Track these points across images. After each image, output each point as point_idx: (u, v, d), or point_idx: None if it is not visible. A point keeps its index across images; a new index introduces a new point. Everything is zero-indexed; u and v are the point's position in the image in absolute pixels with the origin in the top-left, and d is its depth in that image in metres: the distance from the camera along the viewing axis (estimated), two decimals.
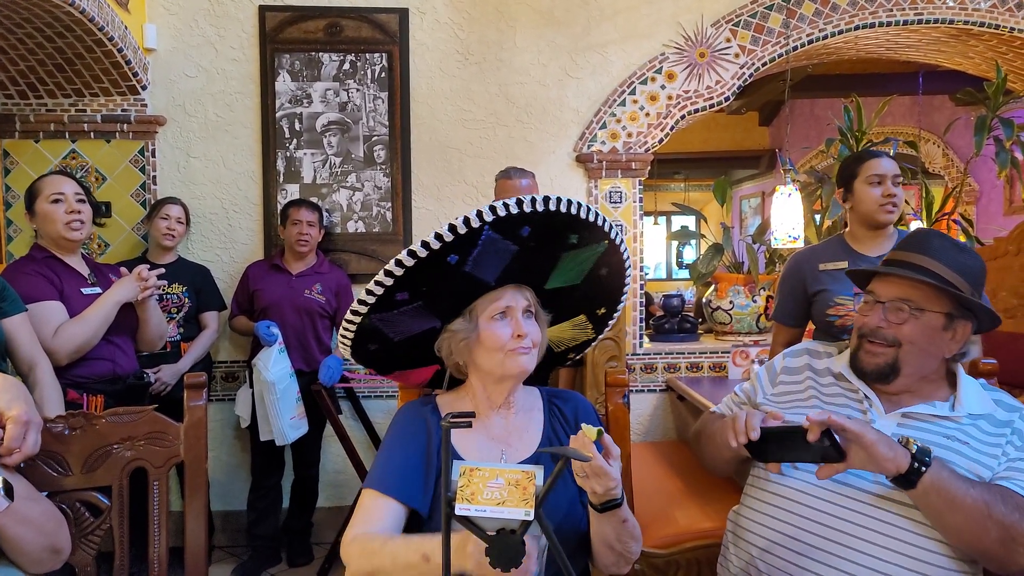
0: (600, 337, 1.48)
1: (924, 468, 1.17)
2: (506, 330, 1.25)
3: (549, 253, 1.27)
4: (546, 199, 1.15)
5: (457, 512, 0.85)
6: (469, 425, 0.88)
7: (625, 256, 1.36)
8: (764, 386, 1.54)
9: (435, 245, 1.13)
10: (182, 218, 3.21)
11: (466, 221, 1.12)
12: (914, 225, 4.79)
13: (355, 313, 1.23)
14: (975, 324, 1.36)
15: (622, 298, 1.44)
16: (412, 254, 1.14)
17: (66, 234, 2.33)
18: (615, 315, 1.45)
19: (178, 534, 1.55)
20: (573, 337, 1.47)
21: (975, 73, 4.26)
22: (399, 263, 1.15)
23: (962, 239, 4.19)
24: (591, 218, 1.22)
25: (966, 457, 1.26)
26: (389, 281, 1.17)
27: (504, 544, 0.86)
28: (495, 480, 0.87)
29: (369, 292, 1.20)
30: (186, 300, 3.19)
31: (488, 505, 0.86)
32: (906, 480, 1.18)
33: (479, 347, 1.27)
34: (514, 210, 1.13)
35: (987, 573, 1.31)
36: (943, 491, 1.17)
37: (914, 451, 1.18)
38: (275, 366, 3.03)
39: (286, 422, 3.05)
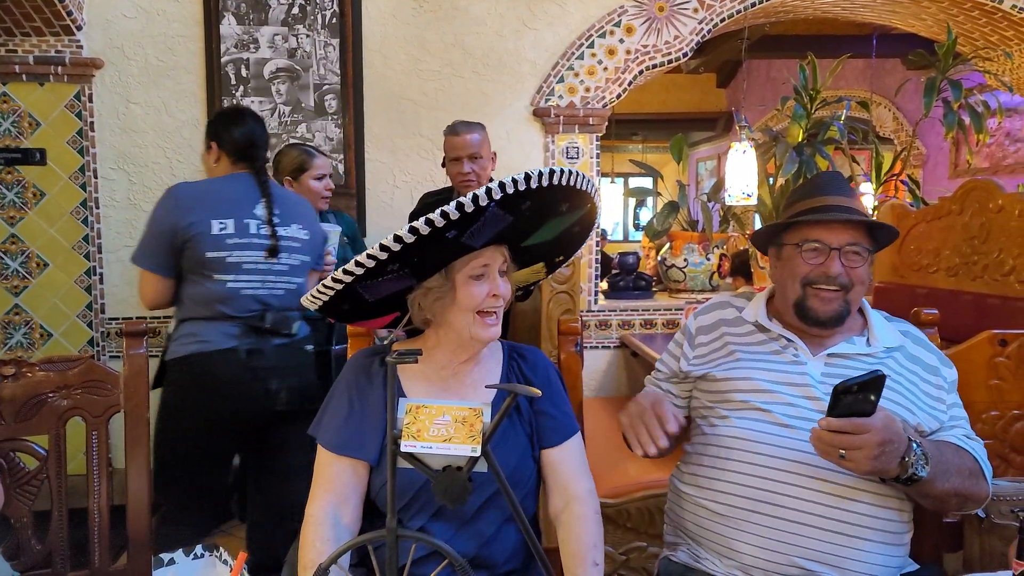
0: (548, 276, 1.51)
1: (909, 483, 1.21)
2: (482, 288, 1.25)
3: (539, 220, 1.28)
4: (551, 172, 1.15)
5: (403, 449, 0.83)
6: (415, 361, 0.86)
7: (598, 214, 1.41)
8: (686, 352, 1.50)
9: (440, 223, 1.09)
10: None
11: (475, 199, 1.08)
12: (864, 187, 4.79)
13: (337, 281, 1.19)
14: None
15: (580, 248, 1.47)
16: (413, 231, 1.10)
17: None
18: (568, 260, 1.48)
19: (123, 492, 1.50)
20: (525, 279, 1.47)
21: (927, 35, 4.31)
22: (398, 239, 1.11)
23: (908, 200, 4.27)
24: (586, 187, 1.25)
25: (888, 388, 1.29)
26: (383, 255, 1.14)
27: (450, 480, 0.85)
28: (442, 417, 0.85)
29: (359, 264, 1.15)
30: None
31: (435, 442, 0.84)
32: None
33: (452, 305, 1.26)
34: (522, 186, 1.12)
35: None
36: (922, 492, 1.24)
37: (908, 473, 1.19)
38: None
39: None
